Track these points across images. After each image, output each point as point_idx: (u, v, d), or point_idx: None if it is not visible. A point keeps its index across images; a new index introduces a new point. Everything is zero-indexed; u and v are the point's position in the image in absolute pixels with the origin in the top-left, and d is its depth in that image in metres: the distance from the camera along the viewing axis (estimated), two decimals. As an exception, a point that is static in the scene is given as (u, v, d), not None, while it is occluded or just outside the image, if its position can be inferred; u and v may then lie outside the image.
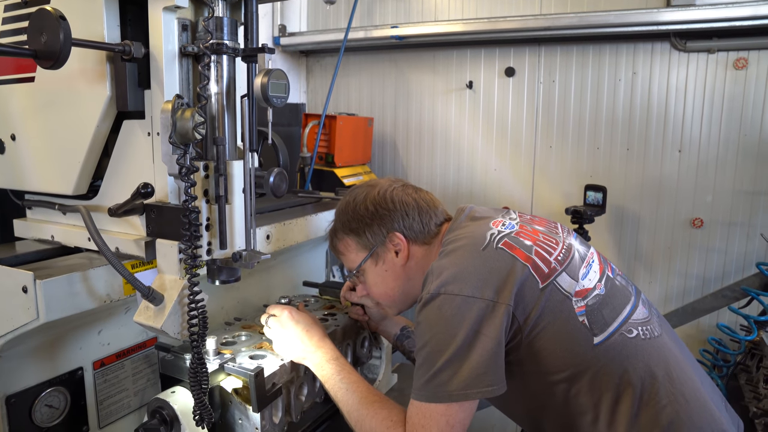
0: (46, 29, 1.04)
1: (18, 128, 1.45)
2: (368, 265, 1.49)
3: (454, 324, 1.18)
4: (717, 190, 2.67)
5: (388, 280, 1.49)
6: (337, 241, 1.54)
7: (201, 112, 1.13)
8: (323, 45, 3.41)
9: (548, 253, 1.29)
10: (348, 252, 1.52)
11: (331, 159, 2.85)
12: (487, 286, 1.20)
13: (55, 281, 1.18)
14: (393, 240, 1.45)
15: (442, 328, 1.19)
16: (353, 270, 1.52)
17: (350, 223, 1.48)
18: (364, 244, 1.48)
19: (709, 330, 2.68)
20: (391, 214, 1.46)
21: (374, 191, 1.49)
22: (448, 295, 1.19)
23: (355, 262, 1.51)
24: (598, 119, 2.87)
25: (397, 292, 1.51)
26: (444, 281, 1.21)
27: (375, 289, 1.53)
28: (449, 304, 1.19)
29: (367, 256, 1.48)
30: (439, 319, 1.20)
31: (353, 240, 1.49)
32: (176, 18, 1.22)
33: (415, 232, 1.47)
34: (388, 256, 1.47)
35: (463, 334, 1.17)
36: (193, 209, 1.13)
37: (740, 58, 2.55)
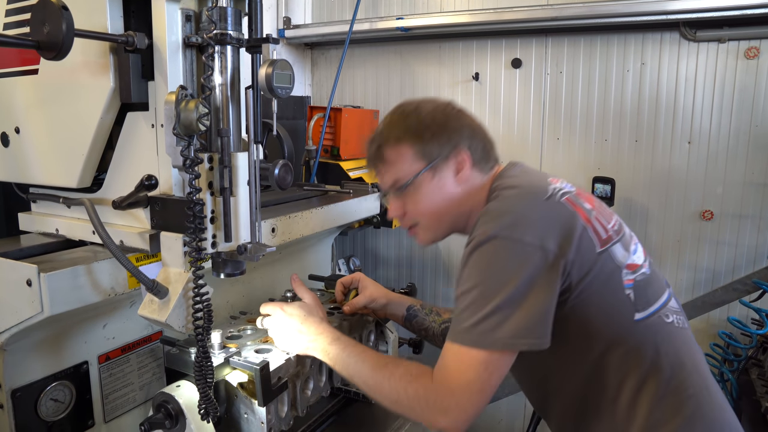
0: (48, 20, 1.02)
1: (22, 121, 1.44)
2: (424, 177, 1.35)
3: (510, 270, 1.14)
4: (727, 182, 2.63)
5: (440, 199, 1.37)
6: (388, 150, 1.38)
7: (205, 103, 1.12)
8: (328, 37, 3.38)
9: (606, 220, 1.26)
10: (401, 161, 1.37)
11: (336, 152, 2.83)
12: (549, 236, 1.15)
13: (59, 274, 1.17)
14: (458, 156, 1.35)
15: (497, 272, 1.15)
16: (402, 181, 1.37)
17: (414, 130, 1.35)
18: (424, 154, 1.35)
19: (720, 324, 2.65)
20: (461, 129, 1.37)
21: (442, 103, 1.40)
22: (507, 240, 1.14)
23: (407, 173, 1.36)
24: (606, 111, 2.84)
25: (444, 213, 1.39)
26: (504, 224, 1.16)
27: (422, 206, 1.39)
28: (507, 248, 1.14)
29: (427, 166, 1.35)
30: (494, 262, 1.16)
31: (412, 148, 1.35)
32: (180, 8, 1.21)
33: (478, 156, 1.38)
34: (446, 173, 1.36)
35: (518, 282, 1.12)
36: (197, 201, 1.12)
37: (752, 47, 2.51)
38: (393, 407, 1.26)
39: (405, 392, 1.22)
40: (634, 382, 1.21)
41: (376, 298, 1.70)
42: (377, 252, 3.57)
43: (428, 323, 1.70)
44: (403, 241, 3.48)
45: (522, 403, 3.18)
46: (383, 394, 1.26)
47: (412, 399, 1.21)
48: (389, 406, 1.26)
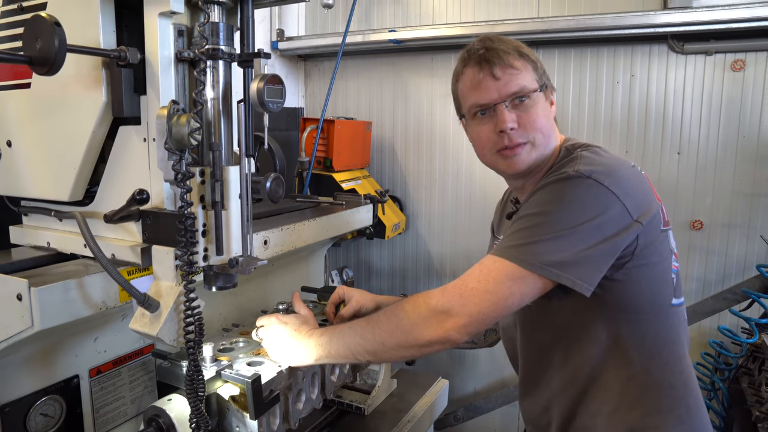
0: (41, 35, 1.03)
1: (14, 134, 1.45)
2: (540, 95, 1.37)
3: (588, 210, 1.16)
4: (716, 192, 2.66)
5: (548, 120, 1.38)
6: (516, 58, 1.36)
7: (197, 118, 1.13)
8: (321, 49, 3.40)
9: (663, 208, 1.32)
10: (525, 70, 1.36)
11: (329, 163, 2.85)
12: (633, 198, 1.18)
13: (50, 288, 1.17)
14: (551, 92, 1.42)
15: (574, 207, 1.17)
16: (528, 89, 1.34)
17: (529, 53, 1.39)
18: (539, 76, 1.38)
19: (711, 333, 2.67)
20: (546, 73, 1.43)
21: None
22: (597, 184, 1.17)
23: (530, 83, 1.35)
24: (597, 121, 2.87)
25: (550, 135, 1.38)
26: (598, 170, 1.19)
27: (540, 121, 1.35)
28: (594, 191, 1.17)
29: (541, 86, 1.37)
30: (576, 198, 1.18)
31: (532, 66, 1.37)
32: (172, 23, 1.22)
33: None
34: (548, 101, 1.40)
35: (590, 224, 1.15)
36: (189, 215, 1.12)
37: (737, 60, 2.55)
38: (396, 341, 1.23)
39: (403, 310, 1.24)
40: (656, 365, 1.27)
41: (364, 304, 1.68)
42: (370, 263, 3.57)
43: None
44: (395, 251, 3.49)
45: (515, 415, 3.18)
46: (384, 335, 1.24)
47: (411, 312, 1.22)
48: (394, 345, 1.23)
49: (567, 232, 1.15)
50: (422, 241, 3.40)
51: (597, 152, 1.30)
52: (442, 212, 3.32)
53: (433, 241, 3.38)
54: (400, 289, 3.47)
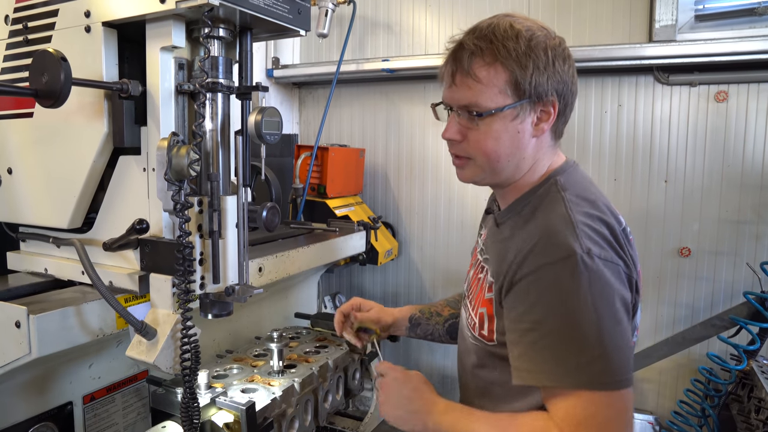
0: (47, 70, 1.07)
1: (15, 162, 1.47)
2: (505, 115, 1.16)
3: (603, 304, 1.04)
4: (703, 220, 2.71)
5: (511, 143, 1.19)
6: (483, 65, 1.15)
7: (196, 150, 1.16)
8: (316, 77, 3.47)
9: (640, 276, 1.20)
10: (489, 85, 1.14)
11: (323, 190, 2.88)
12: (630, 266, 1.10)
13: (49, 316, 1.19)
14: (548, 105, 1.17)
15: (592, 306, 1.03)
16: (481, 108, 1.16)
17: (520, 57, 1.12)
18: (518, 88, 1.14)
19: (700, 359, 2.70)
20: (562, 75, 1.17)
21: (554, 38, 1.18)
22: (595, 270, 1.03)
23: (491, 101, 1.15)
24: (585, 150, 2.93)
25: (505, 161, 1.21)
26: (595, 244, 1.06)
27: (488, 144, 1.18)
28: (609, 274, 1.05)
29: (513, 104, 1.15)
30: (587, 294, 1.03)
31: (507, 76, 1.14)
32: (173, 57, 1.26)
33: (565, 110, 1.21)
34: (529, 118, 1.18)
35: (610, 315, 1.04)
36: (187, 245, 1.15)
37: (720, 91, 2.63)
38: None
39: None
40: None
41: (382, 318, 1.64)
42: (363, 289, 3.59)
43: (431, 327, 1.66)
44: (388, 277, 3.50)
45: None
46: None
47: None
48: None
49: (601, 335, 1.05)
50: (414, 267, 3.43)
51: (596, 199, 1.17)
52: (434, 238, 3.35)
53: (425, 267, 3.40)
54: (392, 315, 3.48)
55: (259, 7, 1.22)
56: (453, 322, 1.64)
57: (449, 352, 3.25)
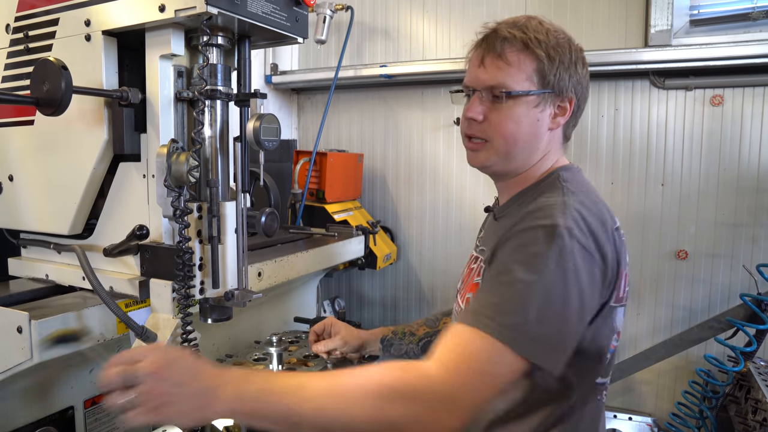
0: (48, 78, 1.09)
1: (16, 169, 1.49)
2: (529, 100, 1.21)
3: (561, 279, 1.02)
4: (700, 222, 2.73)
5: (529, 131, 1.23)
6: (514, 50, 1.21)
7: (195, 156, 1.18)
8: (314, 83, 3.48)
9: (626, 282, 1.19)
10: (519, 68, 1.20)
11: (321, 195, 2.89)
12: (607, 262, 1.09)
13: (50, 321, 1.20)
14: (565, 101, 1.23)
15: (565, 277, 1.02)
16: (508, 88, 1.20)
17: (548, 49, 1.19)
18: (543, 79, 1.20)
19: (698, 361, 2.70)
20: (580, 76, 1.24)
21: (577, 45, 1.26)
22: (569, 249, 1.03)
23: (519, 84, 1.20)
24: (583, 154, 2.95)
25: (522, 146, 1.24)
26: (579, 228, 1.05)
27: (509, 126, 1.22)
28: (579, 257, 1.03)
29: (537, 91, 1.20)
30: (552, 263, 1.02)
31: (535, 65, 1.19)
32: (172, 65, 1.28)
33: (578, 111, 1.27)
34: (548, 110, 1.23)
35: (562, 292, 1.02)
36: (186, 250, 1.16)
37: (716, 95, 2.65)
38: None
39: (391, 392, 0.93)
40: None
41: (348, 341, 1.65)
42: (362, 293, 3.60)
43: (405, 347, 1.66)
44: (387, 281, 3.52)
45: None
46: (358, 414, 0.92)
47: (401, 399, 0.92)
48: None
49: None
50: (413, 271, 3.44)
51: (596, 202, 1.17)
52: (432, 242, 3.37)
53: (424, 270, 3.42)
54: (391, 319, 3.49)
55: (257, 16, 1.24)
56: (428, 341, 1.65)
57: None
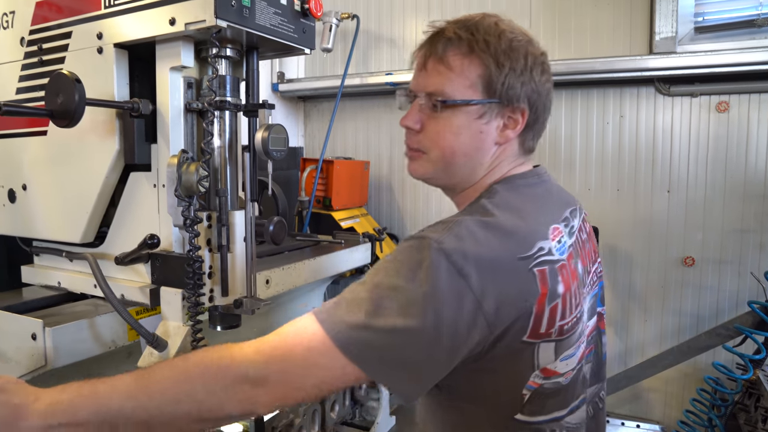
0: (62, 91, 1.11)
1: (29, 179, 1.52)
2: (469, 110, 1.08)
3: (434, 301, 0.89)
4: (706, 229, 2.73)
5: (470, 143, 1.10)
6: (457, 54, 1.08)
7: (205, 166, 1.20)
8: (320, 91, 3.52)
9: (563, 314, 1.02)
10: (459, 75, 1.07)
11: (328, 202, 2.92)
12: (488, 292, 0.91)
13: (64, 328, 1.22)
14: (517, 112, 1.08)
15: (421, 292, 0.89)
16: (446, 96, 1.08)
17: (498, 53, 1.05)
18: (489, 86, 1.06)
19: (706, 369, 2.70)
20: (537, 84, 1.08)
21: (537, 45, 1.11)
22: (431, 259, 0.90)
23: (458, 92, 1.07)
24: (589, 161, 2.96)
25: (460, 161, 1.12)
26: (458, 242, 0.92)
27: (446, 137, 1.10)
28: (445, 276, 0.89)
29: (481, 100, 1.07)
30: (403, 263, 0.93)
31: (482, 70, 1.06)
32: (182, 77, 1.30)
33: (535, 123, 1.12)
34: (494, 122, 1.09)
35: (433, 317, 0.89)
36: (196, 258, 1.18)
37: (722, 102, 2.65)
38: (183, 411, 0.90)
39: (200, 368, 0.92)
40: None
41: None
42: (369, 299, 3.61)
43: None
44: (394, 287, 3.53)
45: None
46: (163, 400, 0.90)
47: (210, 376, 0.90)
48: (178, 416, 0.90)
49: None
50: (420, 277, 3.45)
51: (498, 222, 1.00)
52: (439, 249, 3.38)
53: (431, 277, 3.43)
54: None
55: (265, 28, 1.27)
56: None
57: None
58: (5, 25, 1.49)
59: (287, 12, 1.32)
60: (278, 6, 1.29)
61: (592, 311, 1.19)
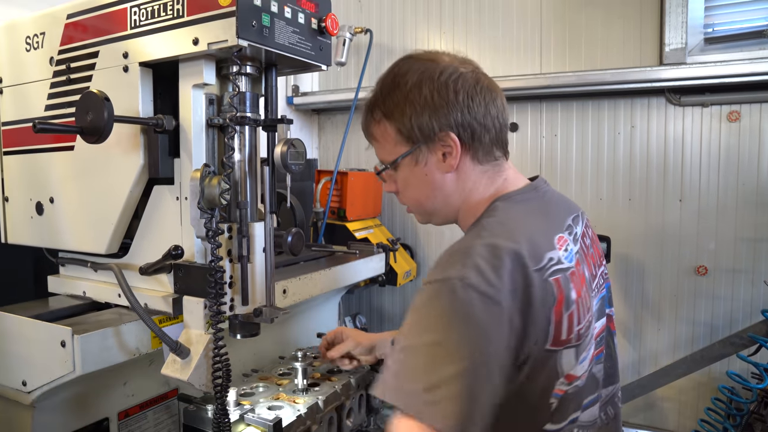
0: (92, 109, 1.17)
1: (56, 192, 1.57)
2: (406, 163, 1.21)
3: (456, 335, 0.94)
4: (719, 238, 2.73)
5: (425, 186, 1.22)
6: (374, 124, 1.25)
7: (227, 180, 1.25)
8: (334, 104, 3.58)
9: (579, 319, 1.07)
10: (384, 141, 1.23)
11: (342, 213, 2.96)
12: (516, 310, 0.97)
13: (91, 336, 1.27)
14: (444, 140, 1.16)
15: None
16: (386, 162, 1.24)
17: (395, 108, 1.18)
18: (406, 136, 1.18)
19: (720, 378, 2.69)
20: (449, 106, 1.14)
21: (435, 71, 1.16)
22: (463, 300, 0.94)
23: (391, 154, 1.22)
24: (600, 171, 2.98)
25: (431, 201, 1.24)
26: (480, 274, 0.95)
27: (407, 193, 1.27)
28: (480, 309, 0.93)
29: (407, 151, 1.19)
30: (444, 318, 0.95)
31: (394, 127, 1.20)
32: (204, 93, 1.35)
33: (474, 138, 1.17)
34: (432, 158, 1.19)
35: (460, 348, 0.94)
36: (218, 269, 1.23)
37: (733, 111, 2.67)
38: None
39: None
40: None
41: (361, 342, 1.72)
42: (383, 309, 3.64)
43: None
44: (407, 298, 3.55)
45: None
46: None
47: None
48: None
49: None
50: (433, 287, 3.48)
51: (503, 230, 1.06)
52: (452, 259, 3.41)
53: (443, 287, 3.45)
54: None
55: (283, 46, 1.32)
56: None
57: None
58: (36, 45, 1.56)
59: (305, 30, 1.37)
60: (296, 25, 1.34)
61: (601, 313, 1.23)
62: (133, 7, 1.34)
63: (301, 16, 1.35)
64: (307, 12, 1.37)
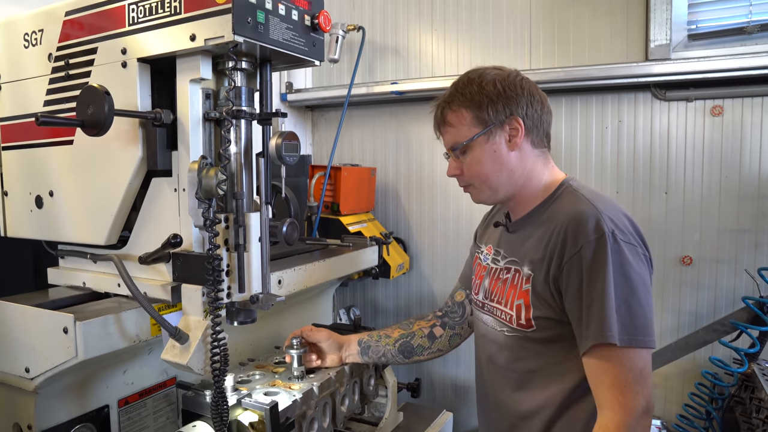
0: (92, 102, 1.21)
1: (56, 185, 1.61)
2: (478, 142, 1.47)
3: (631, 274, 1.30)
4: (703, 229, 2.80)
5: (492, 163, 1.48)
6: (450, 113, 1.51)
7: (223, 171, 1.29)
8: (328, 100, 3.61)
9: None
10: (460, 124, 1.49)
11: (336, 208, 3.01)
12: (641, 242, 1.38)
13: (93, 323, 1.32)
14: (512, 123, 1.46)
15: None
16: (459, 143, 1.49)
17: (474, 96, 1.46)
18: (480, 120, 1.46)
19: (704, 364, 2.76)
20: (518, 98, 1.46)
21: (505, 73, 1.50)
22: (619, 250, 1.30)
23: (465, 136, 1.48)
24: (588, 165, 3.04)
25: (496, 176, 1.50)
26: (617, 228, 1.32)
27: (475, 168, 1.50)
28: (624, 255, 1.30)
29: (482, 131, 1.46)
30: (618, 265, 1.29)
31: (471, 113, 1.47)
32: (201, 88, 1.39)
33: (534, 125, 1.49)
34: (500, 139, 1.47)
35: (635, 282, 1.30)
36: (216, 257, 1.27)
37: (716, 106, 2.73)
38: None
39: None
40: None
41: (332, 336, 1.80)
42: (376, 301, 3.69)
43: (382, 348, 1.79)
44: (400, 291, 3.61)
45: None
46: None
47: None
48: None
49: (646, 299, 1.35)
50: (426, 280, 3.53)
51: (611, 206, 1.40)
52: (444, 252, 3.46)
53: (436, 279, 3.51)
54: (404, 328, 3.57)
55: (278, 42, 1.36)
56: (403, 342, 1.79)
57: (461, 361, 3.34)
58: (34, 42, 1.59)
59: (298, 27, 1.41)
60: (290, 21, 1.38)
61: None
62: (131, 4, 1.38)
63: (295, 13, 1.40)
64: (301, 9, 1.41)
